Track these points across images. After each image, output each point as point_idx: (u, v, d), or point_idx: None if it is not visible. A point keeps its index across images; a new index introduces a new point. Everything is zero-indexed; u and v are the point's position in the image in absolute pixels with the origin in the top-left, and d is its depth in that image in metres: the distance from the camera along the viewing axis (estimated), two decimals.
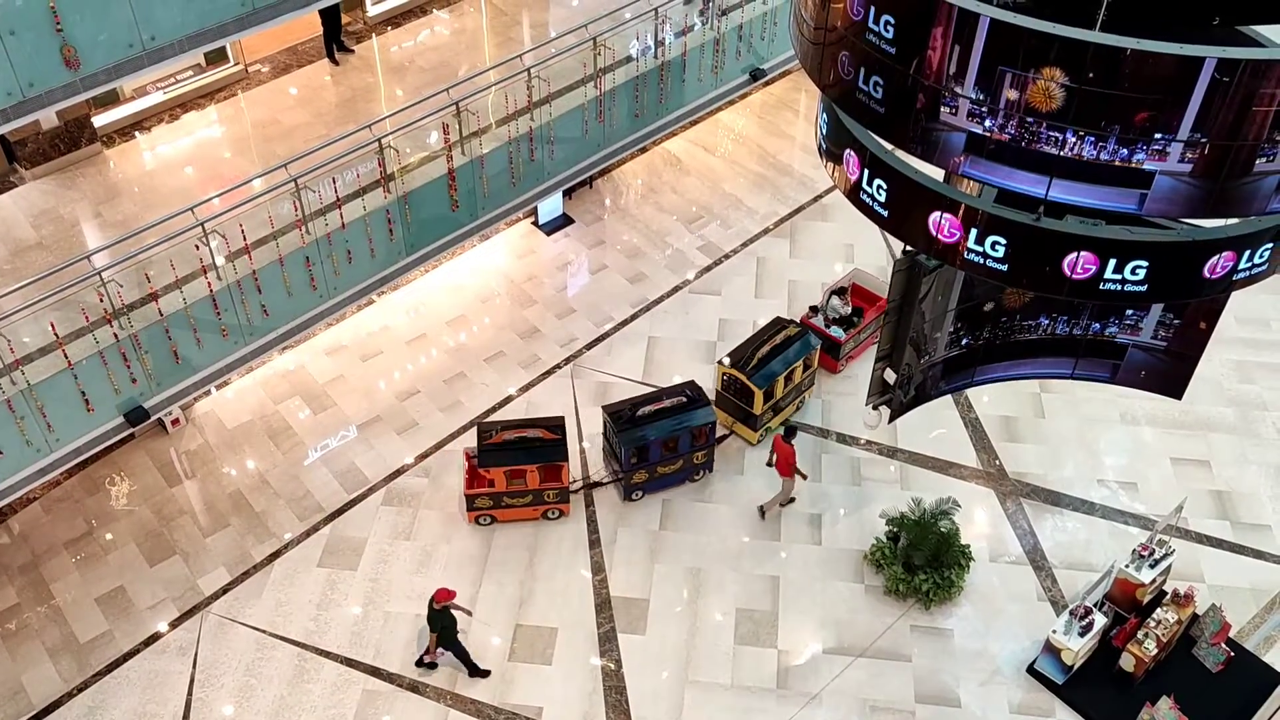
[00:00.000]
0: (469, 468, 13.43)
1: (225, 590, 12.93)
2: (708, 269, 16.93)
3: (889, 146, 8.38)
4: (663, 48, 15.35)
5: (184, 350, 12.30)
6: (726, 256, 17.12)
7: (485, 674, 12.13)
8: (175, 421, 14.44)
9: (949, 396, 13.93)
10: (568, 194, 17.57)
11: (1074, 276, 7.99)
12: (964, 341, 11.03)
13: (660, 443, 13.38)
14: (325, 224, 12.88)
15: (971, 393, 14.88)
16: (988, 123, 7.18)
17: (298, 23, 13.83)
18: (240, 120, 15.96)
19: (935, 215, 8.25)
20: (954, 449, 14.50)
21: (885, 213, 8.66)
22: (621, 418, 13.44)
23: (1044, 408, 14.96)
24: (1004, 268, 8.16)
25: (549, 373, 15.38)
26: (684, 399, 13.67)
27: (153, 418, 12.51)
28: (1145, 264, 7.87)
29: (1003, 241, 8.04)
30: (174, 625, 12.62)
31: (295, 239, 12.73)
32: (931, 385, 11.36)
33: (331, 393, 15.04)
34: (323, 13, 15.83)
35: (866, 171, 8.65)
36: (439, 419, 14.77)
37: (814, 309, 15.36)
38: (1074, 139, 6.95)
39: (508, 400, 15.00)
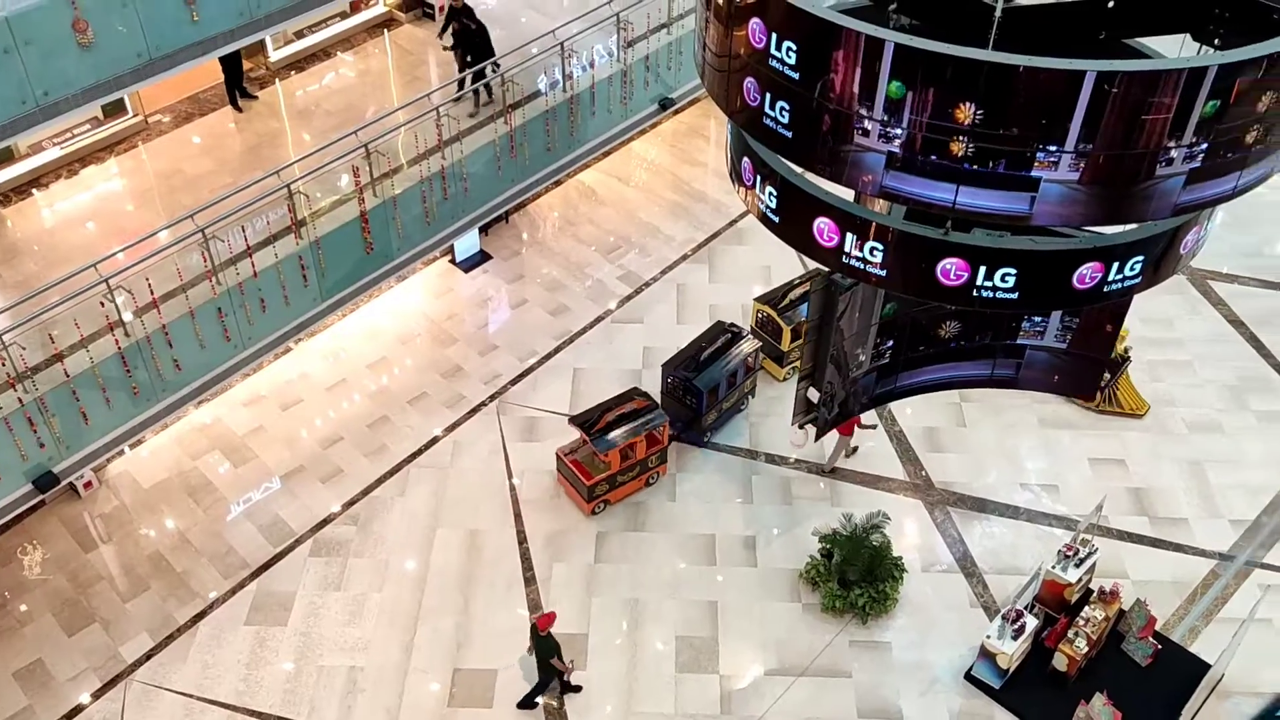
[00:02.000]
0: (572, 463, 13.70)
1: (149, 656, 12.48)
2: (629, 298, 16.97)
3: (798, 170, 8.51)
4: (571, 81, 15.44)
5: (93, 411, 11.93)
6: (647, 284, 17.19)
7: (535, 706, 12.11)
8: (88, 484, 13.94)
9: (872, 411, 14.14)
10: (484, 230, 17.51)
11: (947, 282, 8.18)
12: (885, 356, 11.20)
13: (726, 378, 14.46)
14: (236, 273, 12.64)
15: (894, 406, 15.11)
16: (894, 145, 7.32)
17: (198, 71, 13.63)
18: (142, 172, 15.60)
19: (819, 221, 8.42)
20: (880, 463, 14.70)
21: (776, 219, 8.81)
22: (690, 365, 14.38)
23: (965, 417, 15.25)
24: (883, 273, 8.35)
25: (474, 411, 15.24)
26: (729, 335, 14.75)
27: (63, 483, 12.11)
28: (1014, 272, 8.04)
29: (880, 247, 8.23)
30: (96, 696, 12.13)
31: (206, 290, 12.47)
32: (854, 401, 11.51)
33: (252, 445, 14.69)
34: (223, 60, 15.60)
35: (759, 178, 8.80)
36: (364, 465, 14.52)
37: None
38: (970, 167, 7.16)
39: (434, 441, 14.81)
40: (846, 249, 8.38)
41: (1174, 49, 8.28)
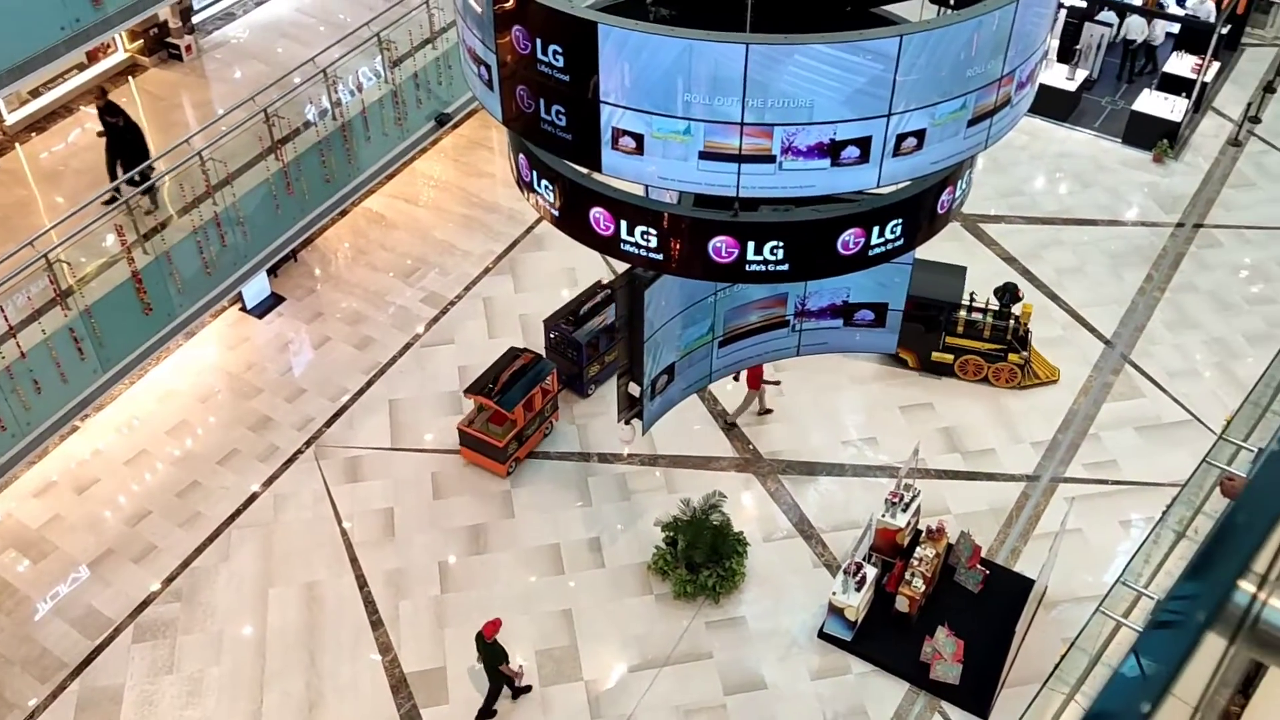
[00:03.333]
0: (476, 433, 14.02)
1: None
2: (436, 320, 16.63)
3: (585, 171, 8.50)
4: (339, 108, 14.97)
5: None
6: (452, 303, 16.89)
7: (494, 714, 12.01)
8: None
9: (694, 395, 14.36)
10: (272, 272, 16.77)
11: (720, 260, 8.28)
12: (696, 339, 11.38)
13: (604, 332, 15.10)
14: (1, 357, 11.65)
15: (713, 387, 15.38)
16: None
17: None
18: None
19: (594, 210, 8.41)
20: (709, 444, 14.96)
21: (557, 214, 8.79)
22: (569, 321, 15.04)
23: (781, 386, 15.69)
24: (660, 256, 8.39)
25: (292, 460, 14.60)
26: (608, 292, 15.46)
27: None
28: (781, 244, 8.16)
29: (652, 231, 8.29)
30: None
31: None
32: (675, 389, 11.64)
33: (50, 536, 13.59)
34: None
35: (535, 173, 8.76)
36: (180, 536, 13.67)
37: None
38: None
39: (252, 498, 14.10)
40: (623, 236, 8.38)
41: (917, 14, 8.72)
